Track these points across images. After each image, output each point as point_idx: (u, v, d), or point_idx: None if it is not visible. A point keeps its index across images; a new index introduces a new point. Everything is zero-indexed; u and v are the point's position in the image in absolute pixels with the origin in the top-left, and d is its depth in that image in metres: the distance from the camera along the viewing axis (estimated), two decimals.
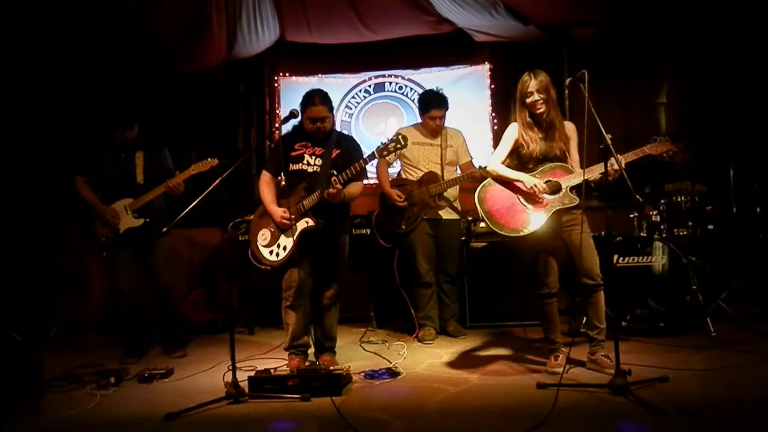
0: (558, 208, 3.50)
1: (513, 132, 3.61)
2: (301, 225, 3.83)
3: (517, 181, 3.54)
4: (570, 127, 3.65)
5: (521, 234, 3.50)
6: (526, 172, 3.57)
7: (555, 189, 3.51)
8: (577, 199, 3.48)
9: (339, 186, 3.73)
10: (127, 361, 4.31)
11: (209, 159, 4.40)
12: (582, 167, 3.42)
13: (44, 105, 5.73)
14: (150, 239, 4.35)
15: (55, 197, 5.69)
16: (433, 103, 4.72)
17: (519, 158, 3.64)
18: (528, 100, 3.51)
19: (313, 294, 3.99)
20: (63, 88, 5.74)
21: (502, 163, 3.63)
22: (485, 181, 3.66)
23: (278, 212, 3.85)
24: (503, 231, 3.52)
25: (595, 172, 3.43)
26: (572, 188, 3.51)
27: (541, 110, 3.51)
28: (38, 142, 5.72)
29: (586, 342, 3.67)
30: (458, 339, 4.66)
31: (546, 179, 3.53)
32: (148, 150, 4.50)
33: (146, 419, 3.15)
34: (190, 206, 3.82)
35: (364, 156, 3.99)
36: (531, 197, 3.52)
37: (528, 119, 3.55)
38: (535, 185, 3.48)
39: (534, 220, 3.49)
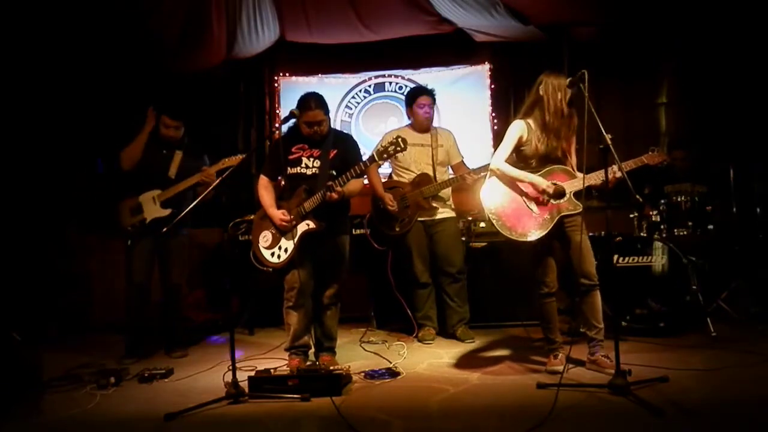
0: (563, 214, 3.50)
1: (517, 129, 3.57)
2: (302, 227, 3.83)
3: (528, 182, 3.51)
4: None
5: (528, 239, 3.48)
6: (529, 171, 3.56)
7: (560, 193, 3.51)
8: (581, 206, 3.47)
9: (339, 189, 3.74)
10: (128, 361, 4.30)
11: (239, 155, 4.46)
12: (582, 169, 3.40)
13: (43, 106, 5.73)
14: (166, 236, 4.30)
15: (55, 197, 5.69)
16: (419, 91, 4.82)
17: (521, 156, 3.62)
18: (560, 97, 3.47)
19: (314, 294, 3.99)
20: (62, 89, 5.73)
21: (506, 161, 3.60)
22: (488, 181, 3.62)
23: (277, 215, 3.86)
24: (511, 235, 3.49)
25: (596, 178, 3.43)
26: (574, 194, 3.50)
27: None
28: (38, 143, 5.71)
29: (586, 342, 3.67)
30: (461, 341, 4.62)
31: (550, 182, 3.53)
32: (187, 151, 4.56)
33: (146, 419, 3.15)
34: (191, 206, 3.83)
35: (362, 153, 4.01)
36: (537, 199, 3.50)
37: (552, 116, 3.49)
38: (547, 187, 3.46)
39: (541, 225, 3.48)
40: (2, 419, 3.24)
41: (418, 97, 4.74)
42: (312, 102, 3.85)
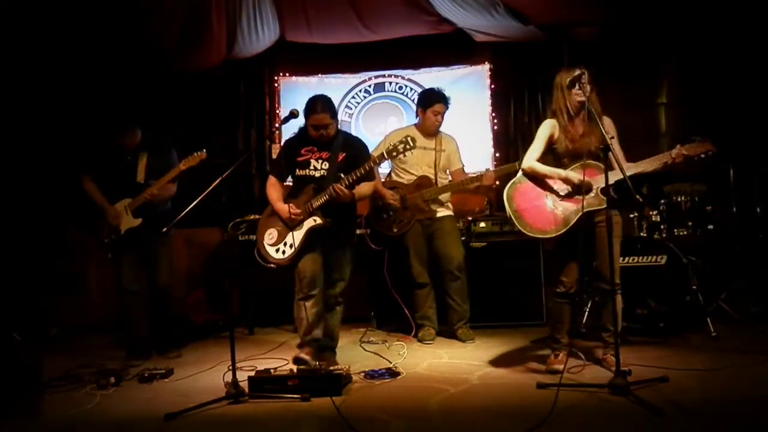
0: (588, 210, 3.41)
1: (548, 128, 3.56)
2: (309, 223, 3.84)
3: (560, 177, 3.47)
4: (607, 122, 3.57)
5: (547, 236, 3.45)
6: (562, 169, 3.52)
7: (588, 188, 3.43)
8: (605, 202, 3.38)
9: (345, 188, 3.75)
10: (133, 363, 4.26)
11: (196, 153, 4.33)
12: (620, 162, 3.31)
13: (44, 106, 5.73)
14: (151, 239, 4.35)
15: (55, 197, 5.69)
16: (437, 97, 4.74)
17: (553, 155, 3.58)
18: (565, 93, 3.48)
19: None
20: (63, 88, 5.74)
21: (537, 160, 3.56)
22: (515, 178, 3.59)
23: (285, 209, 3.85)
24: (529, 232, 3.46)
25: (648, 165, 3.38)
26: (601, 189, 3.41)
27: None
28: (38, 143, 5.72)
29: (586, 341, 3.66)
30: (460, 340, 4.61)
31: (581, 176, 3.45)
32: (152, 151, 4.51)
33: (146, 419, 3.15)
34: (190, 206, 3.83)
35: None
36: (564, 197, 3.45)
37: (565, 112, 3.50)
38: (578, 180, 3.39)
39: (562, 222, 3.44)
40: (2, 419, 3.24)
41: (435, 103, 4.70)
42: (318, 105, 3.84)
